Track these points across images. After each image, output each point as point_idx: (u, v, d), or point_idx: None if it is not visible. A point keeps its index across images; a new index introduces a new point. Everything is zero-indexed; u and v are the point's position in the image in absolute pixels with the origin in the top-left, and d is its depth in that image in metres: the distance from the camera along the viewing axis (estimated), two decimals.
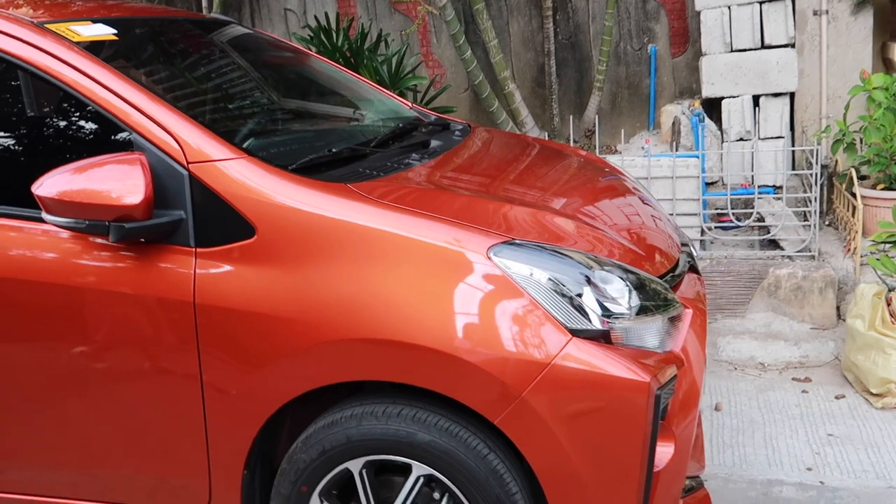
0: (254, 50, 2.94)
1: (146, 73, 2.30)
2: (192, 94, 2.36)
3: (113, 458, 2.15)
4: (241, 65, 2.74)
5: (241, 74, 2.70)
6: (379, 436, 1.94)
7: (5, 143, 2.21)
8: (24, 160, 2.18)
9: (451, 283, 1.88)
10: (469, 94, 5.20)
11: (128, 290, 2.01)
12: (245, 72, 2.73)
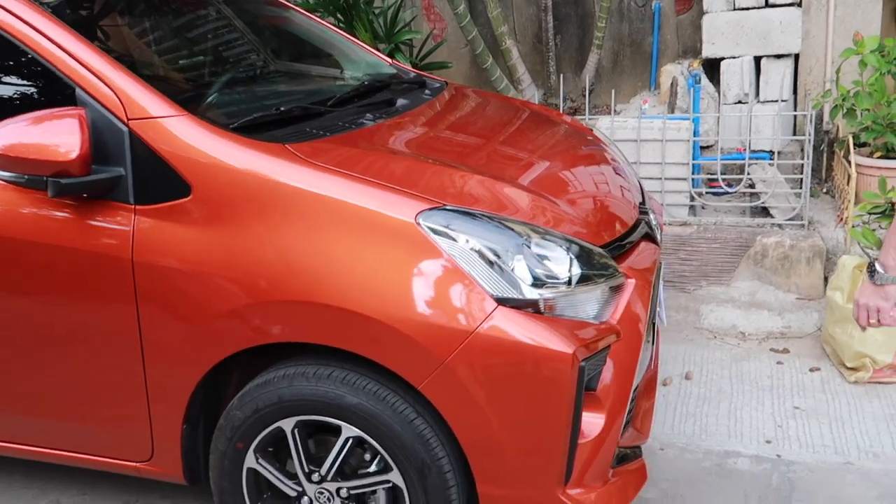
0: (226, 4, 2.91)
1: (98, 29, 2.29)
2: (144, 50, 2.35)
3: (58, 407, 2.21)
4: (207, 20, 2.72)
5: (205, 30, 2.69)
6: (309, 396, 1.96)
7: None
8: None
9: (379, 247, 1.87)
10: (469, 50, 5.10)
11: (70, 245, 2.03)
12: (210, 28, 2.71)
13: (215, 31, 2.71)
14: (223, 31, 2.73)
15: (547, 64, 4.93)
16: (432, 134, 2.45)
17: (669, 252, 4.00)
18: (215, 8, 2.75)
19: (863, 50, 3.54)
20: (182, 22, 2.67)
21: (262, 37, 2.96)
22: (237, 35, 2.78)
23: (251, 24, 2.94)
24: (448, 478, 1.94)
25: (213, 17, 2.72)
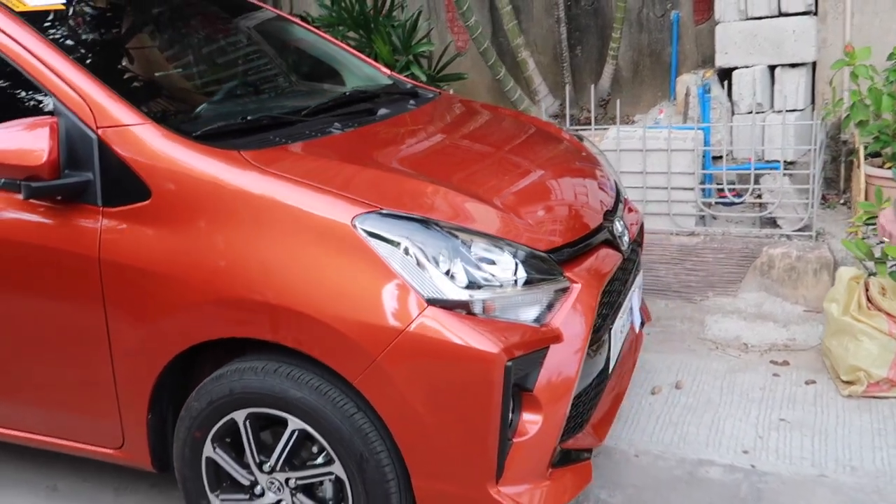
0: (217, 18, 3.06)
1: (78, 42, 2.45)
2: (121, 62, 2.51)
3: (39, 395, 2.37)
4: (193, 33, 2.88)
5: (189, 42, 2.84)
6: (257, 389, 2.07)
7: None
8: None
9: (318, 249, 1.97)
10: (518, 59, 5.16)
11: (44, 243, 2.19)
12: (195, 40, 2.87)
13: (200, 43, 2.86)
14: (209, 43, 2.88)
15: (562, 75, 4.96)
16: (397, 142, 2.54)
17: (675, 262, 3.99)
18: (204, 21, 2.90)
19: (854, 61, 3.47)
20: (170, 34, 2.83)
21: (252, 48, 3.10)
22: (224, 47, 2.93)
23: (242, 35, 3.08)
24: (387, 471, 2.01)
25: (200, 29, 2.87)
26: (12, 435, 2.52)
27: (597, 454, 2.80)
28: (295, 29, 3.34)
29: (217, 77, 2.82)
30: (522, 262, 2.06)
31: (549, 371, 2.03)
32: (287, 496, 2.15)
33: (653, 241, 4.04)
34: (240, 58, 2.99)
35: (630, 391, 3.22)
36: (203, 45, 2.86)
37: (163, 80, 2.62)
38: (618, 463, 2.77)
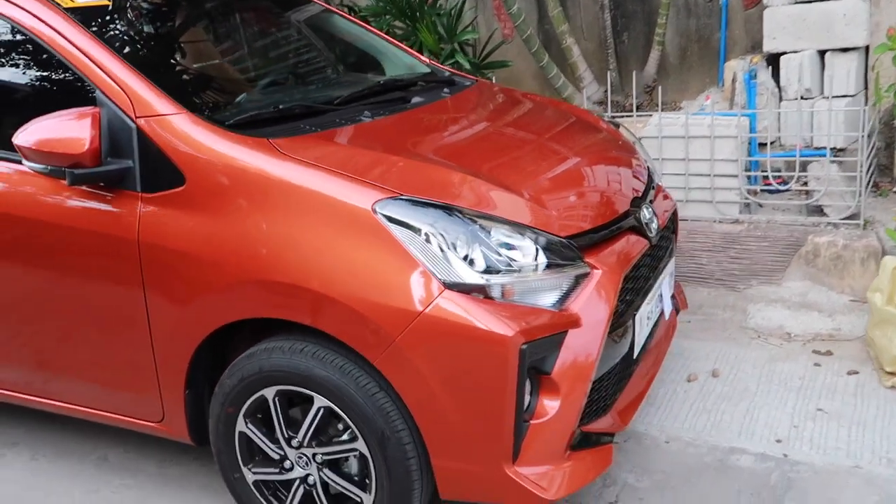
0: (254, 9, 3.14)
1: (120, 36, 2.56)
2: (160, 54, 2.62)
3: (87, 371, 2.50)
4: (238, 25, 2.97)
5: (232, 34, 2.93)
6: (284, 368, 2.15)
7: (9, 101, 2.57)
8: (18, 112, 2.51)
9: (340, 233, 2.03)
10: (539, 48, 5.17)
11: (88, 227, 2.31)
12: (241, 31, 2.96)
13: (239, 34, 2.95)
14: (248, 34, 2.97)
15: (606, 62, 4.93)
16: (426, 129, 2.58)
17: (718, 250, 3.94)
18: (243, 12, 2.99)
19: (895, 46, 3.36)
20: (209, 26, 2.93)
21: (291, 39, 3.18)
22: (262, 38, 3.02)
23: (282, 26, 3.17)
24: (408, 449, 2.07)
25: (240, 21, 2.96)
26: (66, 407, 2.66)
27: (627, 439, 2.82)
28: (335, 19, 3.41)
29: (254, 67, 2.91)
30: (542, 248, 2.09)
31: (568, 355, 2.06)
32: (314, 471, 2.23)
33: (696, 228, 4.00)
34: (278, 48, 3.08)
35: (665, 378, 3.22)
36: (242, 37, 2.95)
37: (201, 72, 2.72)
38: (648, 448, 2.77)
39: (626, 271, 2.25)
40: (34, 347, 2.55)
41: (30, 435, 3.12)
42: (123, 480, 2.81)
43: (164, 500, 2.68)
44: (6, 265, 2.48)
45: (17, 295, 2.51)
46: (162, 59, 2.62)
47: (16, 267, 2.48)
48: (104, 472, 2.87)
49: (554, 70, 4.72)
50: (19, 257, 2.45)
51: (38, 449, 3.04)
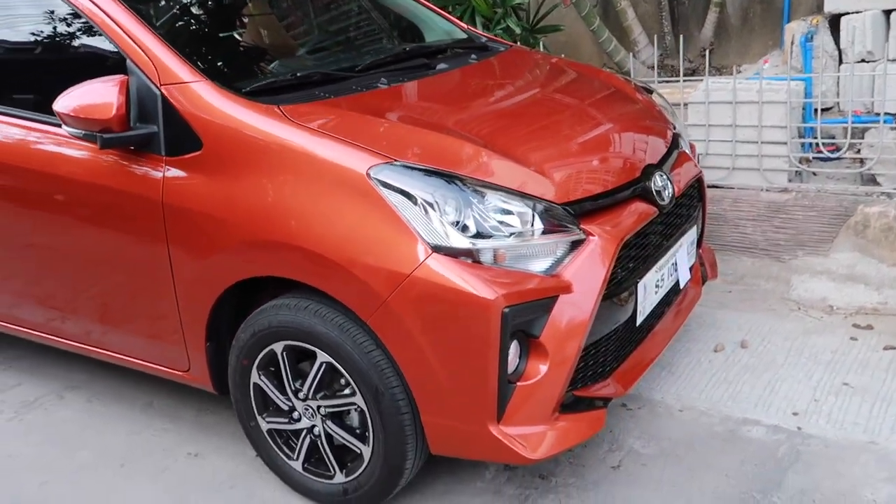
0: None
1: (152, 6, 2.69)
2: (190, 24, 2.74)
3: (122, 321, 2.70)
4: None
5: (263, 2, 3.03)
6: (289, 324, 2.27)
7: (53, 69, 2.76)
8: (60, 79, 2.68)
9: (338, 196, 2.12)
10: (597, 12, 5.09)
11: (122, 188, 2.47)
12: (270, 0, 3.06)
13: (269, 3, 3.05)
14: (278, 3, 3.06)
15: (661, 24, 4.80)
16: (438, 95, 2.63)
17: (763, 219, 3.84)
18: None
19: None
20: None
21: (323, 7, 3.26)
22: (291, 6, 3.10)
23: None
24: (401, 405, 2.17)
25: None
26: (112, 356, 2.87)
27: (641, 406, 2.84)
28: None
29: (280, 36, 3.02)
30: (538, 214, 2.12)
31: (558, 320, 2.10)
32: (319, 422, 2.36)
33: (741, 196, 3.91)
34: (306, 16, 3.17)
35: (692, 347, 3.21)
36: (271, 6, 3.06)
37: (226, 41, 2.83)
38: (660, 416, 2.79)
39: (626, 238, 2.26)
40: (82, 298, 2.76)
41: (90, 380, 3.38)
42: (164, 425, 3.02)
43: (197, 444, 2.88)
44: (54, 223, 2.68)
45: (64, 250, 2.71)
46: (189, 28, 2.75)
47: (62, 224, 2.67)
48: (149, 416, 3.09)
49: (605, 34, 4.65)
50: (65, 215, 2.65)
51: (95, 393, 3.30)
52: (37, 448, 2.96)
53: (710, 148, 3.93)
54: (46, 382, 3.41)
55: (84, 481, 2.73)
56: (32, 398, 3.31)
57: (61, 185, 2.60)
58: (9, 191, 2.76)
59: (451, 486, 2.52)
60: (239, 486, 2.63)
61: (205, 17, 2.88)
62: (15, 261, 2.89)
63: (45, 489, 2.72)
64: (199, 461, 2.79)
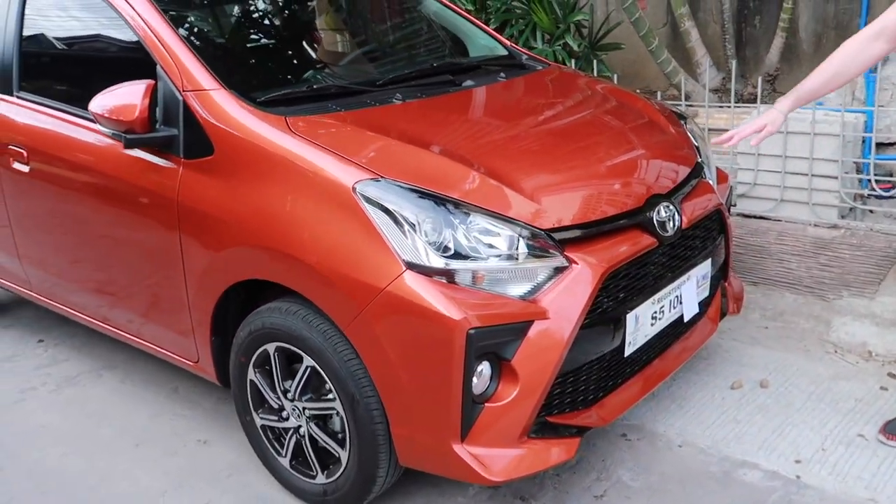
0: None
1: (185, 16, 2.84)
2: (220, 35, 2.88)
3: (146, 309, 2.86)
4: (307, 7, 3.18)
5: (301, 15, 3.15)
6: (279, 327, 2.36)
7: (95, 70, 2.95)
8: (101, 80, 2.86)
9: (325, 208, 2.20)
10: (667, 30, 5.01)
11: (145, 185, 2.62)
12: (307, 13, 3.17)
13: (303, 15, 3.16)
14: (311, 16, 3.17)
15: (724, 47, 4.66)
16: (447, 114, 2.66)
17: (808, 255, 3.70)
18: None
19: None
20: (274, 7, 3.16)
21: (363, 22, 3.35)
22: (331, 19, 3.20)
23: (355, 7, 3.33)
24: (375, 414, 2.22)
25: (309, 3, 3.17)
26: (131, 338, 3.04)
27: (641, 438, 2.80)
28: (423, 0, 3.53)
29: (309, 49, 3.12)
30: (520, 238, 2.14)
31: (531, 345, 2.11)
32: (304, 423, 2.44)
33: (787, 230, 3.78)
34: (341, 30, 3.26)
35: (709, 382, 3.12)
36: (303, 18, 3.17)
37: (252, 52, 2.97)
38: (658, 449, 2.73)
39: (612, 269, 2.24)
40: (111, 283, 2.95)
41: (127, 362, 3.59)
42: (183, 411, 3.19)
43: (208, 432, 3.02)
44: (89, 211, 2.88)
45: (97, 237, 2.91)
46: (218, 40, 2.89)
47: (95, 212, 2.86)
48: (171, 401, 3.26)
49: (664, 55, 4.56)
50: (98, 205, 2.83)
51: (129, 374, 3.51)
52: (67, 421, 3.17)
53: (759, 178, 3.81)
54: (90, 361, 3.65)
55: (99, 457, 2.91)
56: (74, 373, 3.55)
57: (97, 176, 2.78)
58: (54, 179, 2.98)
59: (432, 498, 2.56)
60: (235, 476, 2.74)
61: (235, 29, 3.01)
62: (56, 243, 3.12)
63: (63, 460, 2.91)
64: (206, 448, 2.92)
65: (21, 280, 3.51)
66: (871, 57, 2.41)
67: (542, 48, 4.57)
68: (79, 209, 2.94)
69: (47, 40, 3.20)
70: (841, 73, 2.46)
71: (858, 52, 2.41)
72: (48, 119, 3.00)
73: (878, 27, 2.38)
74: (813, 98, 2.57)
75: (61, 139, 2.93)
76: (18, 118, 3.14)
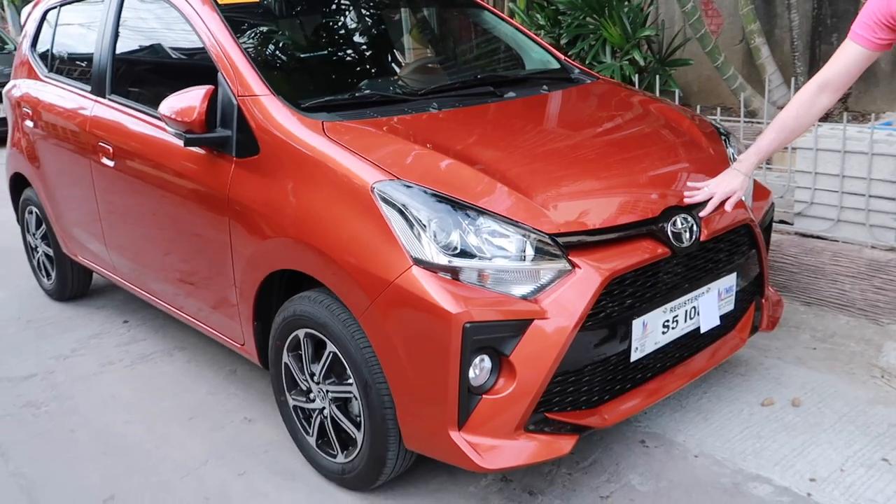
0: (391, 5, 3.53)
1: (252, 27, 3.10)
2: (278, 44, 3.12)
3: (202, 293, 3.14)
4: (370, 20, 3.39)
5: (363, 29, 3.36)
6: (308, 315, 2.56)
7: (170, 76, 3.25)
8: (172, 85, 3.15)
9: (347, 205, 2.39)
10: (743, 46, 4.96)
11: (204, 180, 2.89)
12: (370, 26, 3.38)
13: (361, 27, 3.37)
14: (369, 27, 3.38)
15: (794, 65, 4.57)
16: (483, 123, 2.81)
17: (863, 277, 3.62)
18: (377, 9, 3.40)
19: None
20: (346, 20, 3.39)
21: (423, 32, 3.54)
22: (386, 31, 3.40)
23: (423, 22, 3.53)
24: (385, 400, 2.38)
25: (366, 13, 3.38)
26: (190, 320, 3.34)
27: (658, 445, 2.85)
28: (480, 14, 3.69)
29: (358, 59, 3.33)
30: (527, 241, 2.26)
31: (529, 342, 2.22)
32: (327, 405, 2.63)
33: (842, 251, 3.70)
34: (393, 42, 3.46)
35: (739, 397, 3.13)
36: (359, 28, 3.38)
37: (305, 61, 3.20)
38: (673, 457, 2.77)
39: (616, 274, 2.32)
40: (175, 269, 3.26)
41: (196, 343, 3.91)
42: (236, 390, 3.45)
43: (254, 411, 3.26)
44: (158, 204, 3.19)
45: (163, 227, 3.22)
46: (273, 49, 3.14)
47: (162, 205, 3.17)
48: (228, 382, 3.53)
49: (730, 70, 4.53)
50: (166, 198, 3.14)
51: (196, 355, 3.81)
52: (136, 393, 3.49)
53: (817, 197, 3.76)
54: (164, 341, 3.98)
55: (156, 426, 3.20)
56: (149, 352, 3.89)
57: (166, 172, 3.09)
58: (132, 174, 3.31)
59: (444, 485, 2.69)
60: (271, 452, 2.96)
61: (291, 40, 3.26)
62: (133, 232, 3.46)
63: (125, 427, 3.22)
64: (250, 426, 3.17)
65: (108, 265, 3.88)
66: (820, 109, 2.49)
67: (610, 63, 4.63)
68: (150, 202, 3.25)
69: (133, 49, 3.56)
70: (794, 127, 2.55)
71: (808, 106, 2.50)
72: (129, 119, 3.34)
73: (820, 81, 2.47)
74: (772, 153, 2.62)
75: (138, 137, 3.26)
76: (108, 118, 3.51)
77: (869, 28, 2.35)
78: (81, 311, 4.50)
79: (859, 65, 2.42)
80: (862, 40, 2.37)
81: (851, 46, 2.40)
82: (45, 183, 4.21)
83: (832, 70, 2.44)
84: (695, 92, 5.31)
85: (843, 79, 2.44)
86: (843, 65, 2.42)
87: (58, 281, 4.56)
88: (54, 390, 3.57)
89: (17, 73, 4.58)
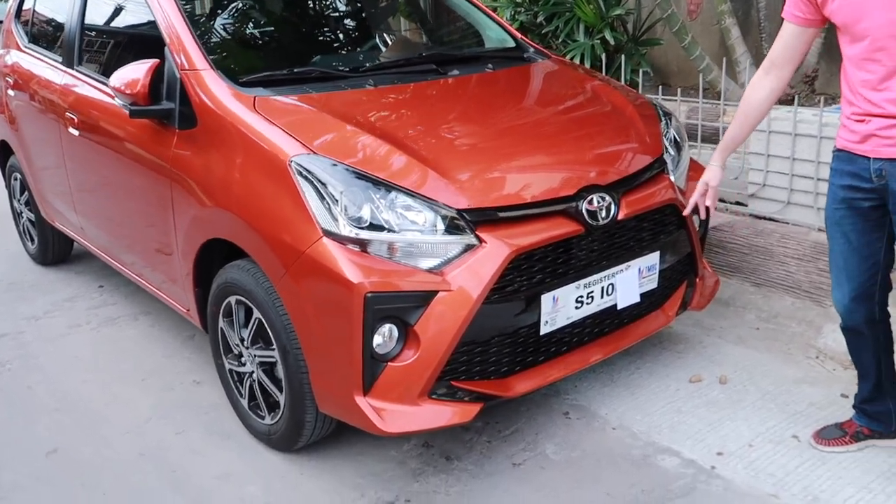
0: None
1: (207, 4, 3.19)
2: (225, 20, 3.21)
3: (148, 256, 3.27)
4: None
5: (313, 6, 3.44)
6: (237, 282, 2.68)
7: (128, 49, 3.36)
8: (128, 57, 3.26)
9: (268, 177, 2.49)
10: (720, 27, 4.95)
11: (149, 149, 3.01)
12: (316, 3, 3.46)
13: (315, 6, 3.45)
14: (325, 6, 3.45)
15: (762, 47, 4.56)
16: (414, 99, 2.89)
17: (808, 259, 3.65)
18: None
19: None
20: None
21: (369, 13, 3.60)
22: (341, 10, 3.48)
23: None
24: (301, 365, 2.49)
25: None
26: (144, 284, 3.48)
27: (580, 417, 2.94)
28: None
29: (304, 35, 3.41)
30: (436, 217, 2.34)
31: (433, 313, 2.31)
32: (255, 369, 2.75)
33: (790, 233, 3.75)
34: (343, 21, 3.53)
35: (670, 374, 3.21)
36: (305, 6, 3.45)
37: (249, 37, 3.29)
38: (592, 429, 2.87)
39: (523, 250, 2.40)
40: (131, 238, 3.41)
41: (161, 310, 4.03)
42: (191, 354, 3.59)
43: (203, 374, 3.39)
44: (111, 171, 3.32)
45: (117, 194, 3.35)
46: (220, 25, 3.23)
47: (115, 172, 3.30)
48: (184, 346, 3.67)
49: (697, 51, 4.53)
50: (119, 162, 3.26)
51: (160, 320, 3.95)
52: (97, 355, 3.64)
53: (769, 179, 3.79)
54: (132, 306, 4.13)
55: (111, 386, 3.36)
56: (116, 316, 4.04)
57: (118, 142, 3.21)
58: (91, 141, 3.44)
59: (366, 449, 2.81)
60: (212, 413, 3.10)
61: (237, 16, 3.35)
62: (94, 198, 3.60)
63: (82, 386, 3.37)
64: (198, 388, 3.30)
65: (77, 229, 4.03)
66: (770, 91, 2.49)
67: (583, 42, 4.66)
68: (110, 172, 3.38)
69: (98, 23, 3.67)
70: (750, 115, 2.56)
71: (757, 89, 2.51)
72: (92, 90, 3.46)
73: (766, 62, 2.48)
74: (738, 144, 2.66)
75: (99, 106, 3.38)
76: (74, 88, 3.63)
77: (794, 4, 2.39)
78: (62, 275, 4.67)
79: (795, 42, 2.43)
80: (791, 17, 2.40)
81: (785, 24, 2.44)
82: (26, 152, 4.36)
83: (774, 50, 2.47)
84: (674, 72, 5.32)
85: (784, 57, 2.45)
86: (780, 43, 2.45)
87: (40, 245, 4.72)
88: (21, 349, 3.73)
89: (6, 43, 4.72)
